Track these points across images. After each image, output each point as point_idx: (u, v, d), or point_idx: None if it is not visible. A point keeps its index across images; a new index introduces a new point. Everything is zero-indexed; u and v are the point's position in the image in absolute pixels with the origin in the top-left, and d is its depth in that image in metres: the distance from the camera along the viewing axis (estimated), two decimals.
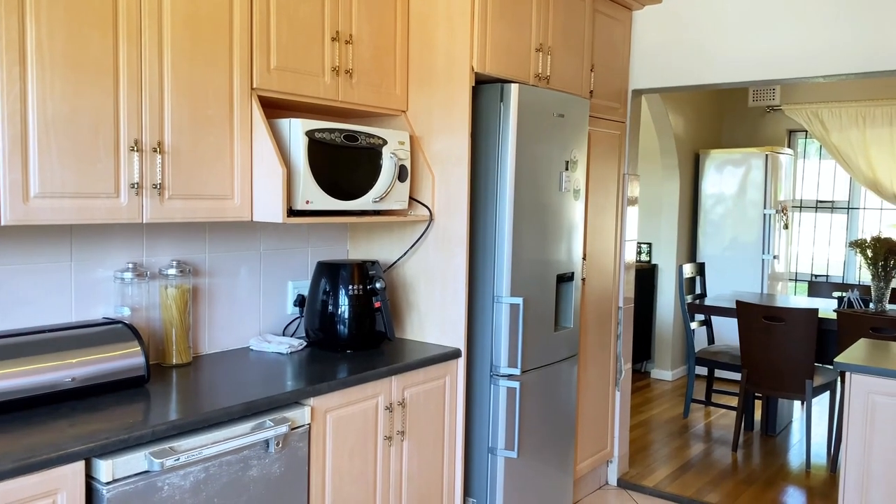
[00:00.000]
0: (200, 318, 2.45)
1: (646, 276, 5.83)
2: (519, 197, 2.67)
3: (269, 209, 2.18)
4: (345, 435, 2.19)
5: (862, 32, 2.98)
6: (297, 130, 2.22)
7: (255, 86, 2.19)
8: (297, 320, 2.76)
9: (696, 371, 5.01)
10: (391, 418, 2.35)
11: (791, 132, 6.13)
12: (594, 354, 3.46)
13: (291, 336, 2.69)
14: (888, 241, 4.03)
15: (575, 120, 2.95)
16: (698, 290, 5.17)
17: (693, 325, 4.74)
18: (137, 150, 1.92)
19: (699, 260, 5.88)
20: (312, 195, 2.24)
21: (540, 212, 2.80)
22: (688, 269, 4.91)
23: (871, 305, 4.07)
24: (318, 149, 2.26)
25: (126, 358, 1.97)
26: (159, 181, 1.97)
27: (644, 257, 6.00)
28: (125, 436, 1.64)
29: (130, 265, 2.22)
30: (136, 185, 1.92)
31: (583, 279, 3.31)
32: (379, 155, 2.46)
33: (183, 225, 2.39)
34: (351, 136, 2.35)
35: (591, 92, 3.24)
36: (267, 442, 1.94)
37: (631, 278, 3.72)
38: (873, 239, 4.05)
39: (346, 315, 2.50)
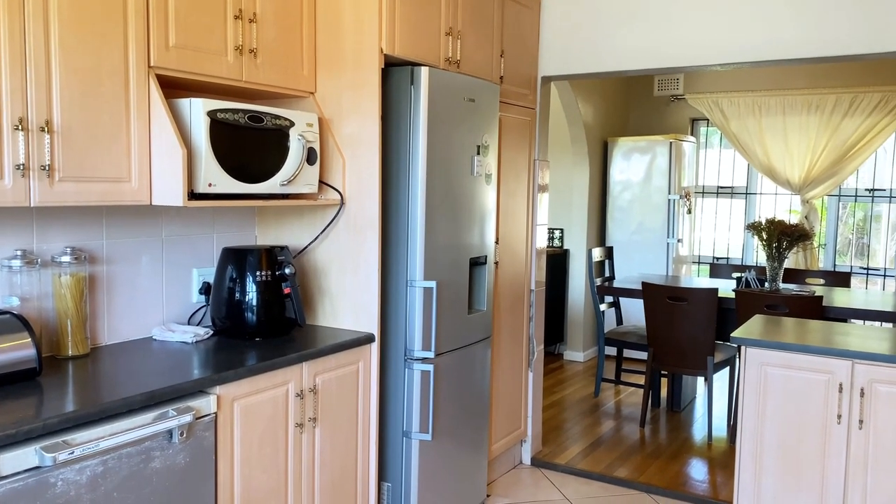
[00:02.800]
0: (98, 307, 2.34)
1: (558, 261, 5.96)
2: (431, 180, 2.67)
3: (170, 192, 2.10)
4: (254, 423, 2.14)
5: (756, 22, 3.12)
6: (197, 110, 2.14)
7: (152, 63, 2.10)
8: (203, 308, 2.67)
9: (605, 351, 5.17)
10: (302, 405, 2.31)
11: (693, 120, 6.39)
12: (507, 337, 3.52)
13: (197, 325, 2.61)
14: (781, 223, 4.26)
15: (485, 105, 2.97)
16: (607, 274, 5.33)
17: (602, 307, 4.89)
18: (23, 129, 1.80)
19: (608, 244, 6.06)
20: (215, 178, 2.17)
21: (452, 196, 2.81)
22: (597, 253, 5.05)
23: (767, 285, 4.31)
24: (221, 130, 2.19)
25: (15, 350, 1.85)
26: (48, 162, 1.86)
27: (556, 243, 6.13)
28: (12, 430, 1.55)
29: (19, 252, 2.09)
30: (21, 167, 1.80)
31: (496, 263, 3.35)
32: (286, 137, 2.41)
33: (77, 209, 2.27)
34: (256, 116, 2.29)
35: (501, 77, 3.27)
36: (170, 432, 1.87)
37: (542, 262, 3.79)
38: (768, 221, 4.27)
39: (254, 302, 2.44)
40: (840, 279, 4.94)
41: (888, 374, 2.47)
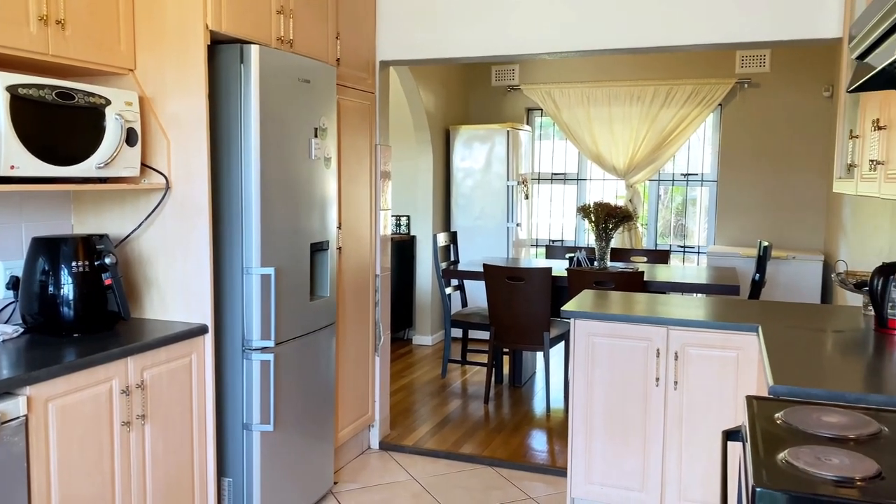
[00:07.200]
0: None
1: (405, 248, 6.02)
2: (266, 163, 2.59)
3: None
4: (73, 424, 1.98)
5: (584, 15, 3.30)
6: None
7: None
8: (12, 305, 2.43)
9: (452, 333, 5.30)
10: (129, 402, 2.17)
11: (529, 110, 6.67)
12: (353, 322, 3.50)
13: (5, 323, 2.37)
14: (607, 206, 4.56)
15: (322, 86, 2.92)
16: (453, 258, 5.46)
17: (448, 291, 5.00)
18: None
19: (453, 230, 6.20)
20: (18, 160, 1.97)
21: (290, 179, 2.74)
22: (441, 239, 5.15)
23: (596, 263, 4.60)
24: (25, 107, 1.99)
25: None
26: None
27: (403, 229, 6.19)
28: None
29: None
30: None
31: (338, 248, 3.32)
32: (101, 116, 2.23)
33: None
34: (65, 93, 2.11)
35: (337, 60, 3.23)
36: None
37: (387, 247, 3.81)
38: (595, 205, 4.56)
39: (71, 295, 2.25)
40: (661, 256, 5.38)
41: (697, 338, 2.72)
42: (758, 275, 4.55)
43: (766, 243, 4.60)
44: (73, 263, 2.26)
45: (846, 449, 1.40)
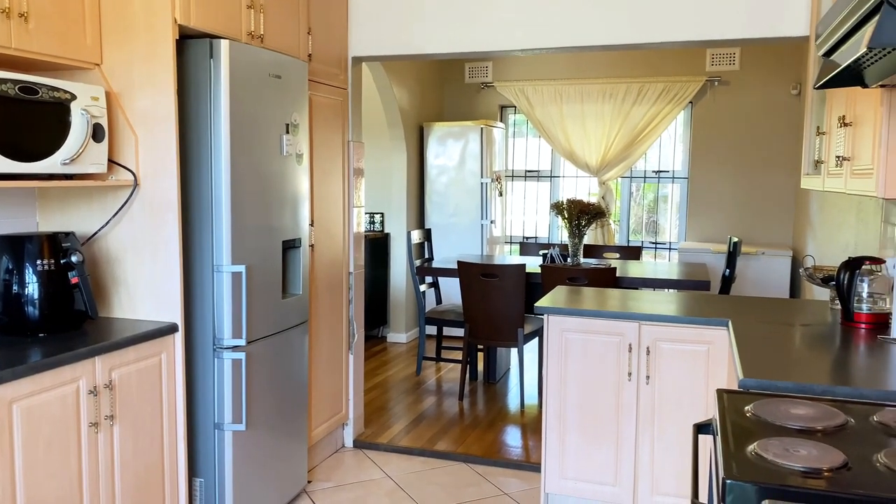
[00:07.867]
0: None
1: (380, 245, 6.00)
2: (236, 159, 2.56)
3: None
4: (38, 426, 1.94)
5: (556, 13, 3.31)
6: None
7: None
8: None
9: (426, 331, 5.29)
10: (97, 403, 2.13)
11: (502, 107, 6.68)
12: (326, 320, 3.48)
13: None
14: (580, 203, 4.58)
15: (293, 82, 2.89)
16: (427, 256, 5.45)
17: (423, 288, 4.99)
18: None
19: (427, 227, 6.19)
20: None
21: (261, 176, 2.71)
22: (416, 236, 5.14)
23: (569, 259, 4.62)
24: None
25: None
26: None
27: (377, 227, 6.16)
28: None
29: None
30: None
31: (311, 246, 3.29)
32: (67, 111, 2.18)
33: None
34: (29, 88, 2.06)
35: (309, 55, 3.21)
36: None
37: (361, 245, 3.79)
38: (568, 202, 4.58)
39: (36, 294, 2.20)
40: (633, 253, 5.42)
41: (668, 333, 2.74)
42: (728, 270, 4.61)
43: (735, 239, 4.66)
44: (39, 262, 2.21)
45: (814, 440, 1.42)
